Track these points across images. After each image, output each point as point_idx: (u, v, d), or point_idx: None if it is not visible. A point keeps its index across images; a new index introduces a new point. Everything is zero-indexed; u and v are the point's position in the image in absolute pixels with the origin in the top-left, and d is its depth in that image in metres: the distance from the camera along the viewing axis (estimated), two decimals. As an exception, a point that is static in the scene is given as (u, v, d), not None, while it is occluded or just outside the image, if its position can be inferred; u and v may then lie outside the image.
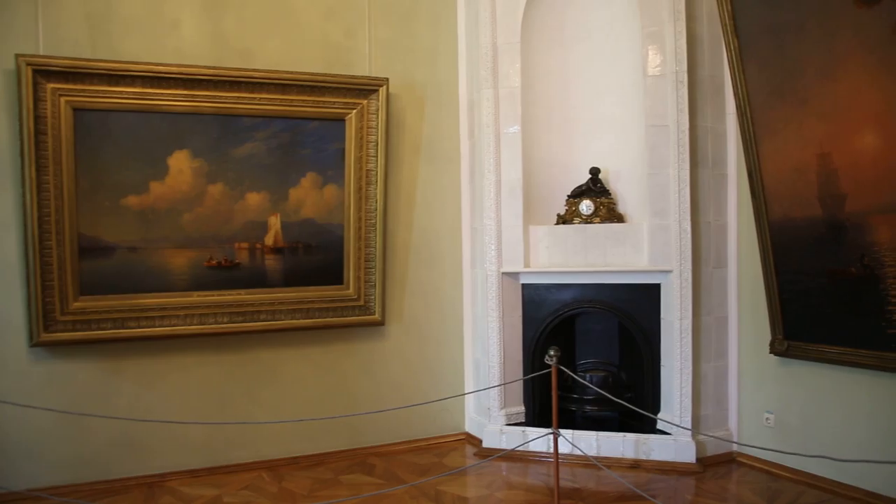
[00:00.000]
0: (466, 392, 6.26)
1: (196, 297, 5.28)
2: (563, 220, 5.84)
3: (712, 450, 5.51)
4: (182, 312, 5.25)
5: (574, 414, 5.92)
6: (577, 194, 5.80)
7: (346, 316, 5.78)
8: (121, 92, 4.90)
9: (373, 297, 5.82)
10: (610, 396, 4.78)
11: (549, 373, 4.62)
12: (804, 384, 5.13)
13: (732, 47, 5.01)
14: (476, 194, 6.10)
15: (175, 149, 5.16)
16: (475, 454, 5.84)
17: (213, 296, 5.33)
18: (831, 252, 4.73)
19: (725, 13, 4.99)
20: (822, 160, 4.69)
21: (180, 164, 5.19)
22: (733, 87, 5.11)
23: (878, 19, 4.17)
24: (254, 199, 5.42)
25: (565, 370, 4.77)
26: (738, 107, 5.09)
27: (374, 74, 5.75)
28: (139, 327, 5.12)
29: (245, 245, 5.44)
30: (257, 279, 5.49)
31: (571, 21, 5.92)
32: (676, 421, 5.38)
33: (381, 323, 5.90)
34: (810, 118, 4.69)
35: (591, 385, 5.47)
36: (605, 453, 5.48)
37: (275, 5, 5.60)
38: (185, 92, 5.06)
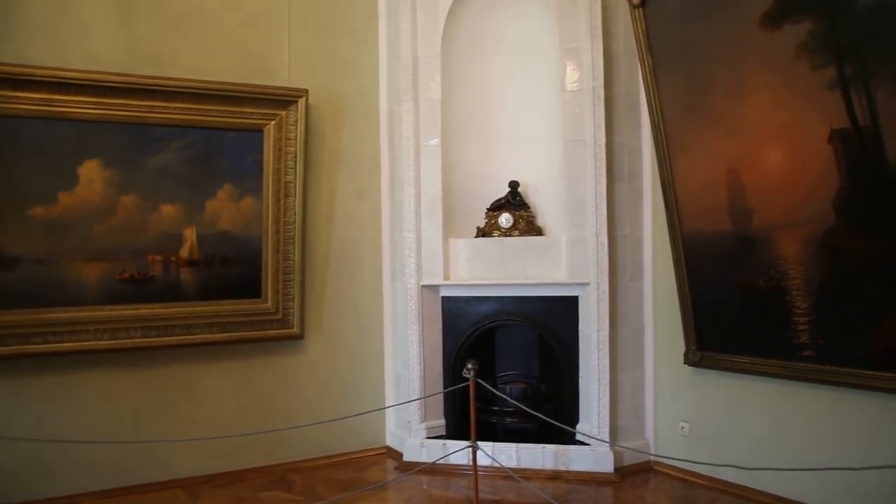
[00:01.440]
0: (387, 406, 6.21)
1: (107, 312, 5.09)
2: (482, 232, 5.87)
3: (630, 459, 5.58)
4: (92, 327, 5.04)
5: (495, 426, 5.93)
6: (497, 207, 5.84)
7: (264, 329, 5.67)
8: (26, 98, 4.69)
9: (291, 310, 5.73)
10: (527, 409, 4.81)
11: (468, 386, 4.63)
12: (717, 393, 5.27)
13: (647, 65, 5.13)
14: (396, 207, 6.09)
15: (85, 158, 4.98)
16: (396, 468, 5.79)
17: (125, 310, 5.14)
18: (741, 265, 4.88)
19: (640, 31, 5.11)
20: (731, 176, 4.84)
21: (91, 173, 5.02)
22: (648, 103, 5.22)
23: (781, 42, 4.34)
24: (168, 210, 5.27)
25: (483, 383, 4.78)
26: (653, 123, 5.21)
27: (293, 85, 5.67)
28: (46, 343, 4.89)
29: (159, 257, 5.29)
30: (172, 292, 5.33)
31: (492, 35, 5.96)
32: (595, 431, 5.45)
33: (300, 336, 5.82)
34: (720, 135, 4.84)
35: (508, 398, 5.47)
36: (525, 465, 5.50)
37: (192, 12, 5.48)
38: (95, 99, 4.90)
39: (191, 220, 5.36)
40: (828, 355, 4.45)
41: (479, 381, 4.66)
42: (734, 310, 4.99)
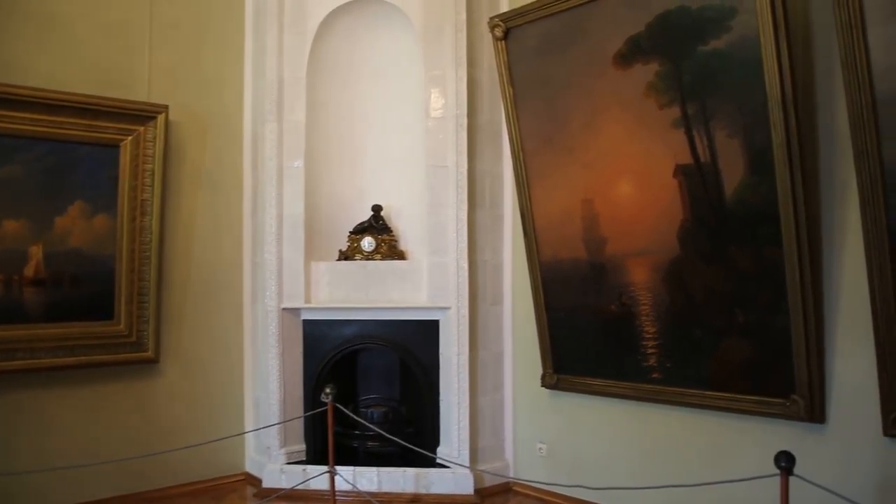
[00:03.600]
0: (246, 431, 6.06)
1: (-62, 334, 4.75)
2: (344, 256, 5.85)
3: (490, 480, 5.65)
4: (-80, 351, 4.70)
5: (356, 450, 5.88)
6: (360, 231, 5.85)
7: (116, 353, 5.41)
8: None
9: (146, 332, 5.51)
10: (384, 434, 4.81)
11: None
12: (573, 415, 5.42)
13: (508, 96, 5.26)
14: (258, 228, 6.00)
15: (-83, 168, 4.67)
16: (255, 495, 5.66)
17: (-41, 332, 4.82)
18: (595, 291, 5.07)
19: (502, 63, 5.23)
20: (586, 206, 5.03)
21: (-77, 185, 4.70)
22: (508, 133, 5.35)
23: (631, 81, 4.57)
24: (12, 226, 4.97)
25: (341, 407, 4.77)
26: (513, 152, 5.35)
27: (153, 100, 5.50)
28: None
29: (0, 276, 4.97)
30: (14, 313, 5.00)
31: (359, 59, 5.98)
32: (455, 454, 5.50)
33: (154, 360, 5.60)
34: (576, 166, 5.02)
35: (366, 422, 5.42)
36: (386, 489, 5.47)
37: (46, 18, 5.20)
38: (-68, 106, 4.60)
39: (37, 236, 5.08)
40: (674, 377, 4.68)
41: (337, 405, 4.63)
42: (589, 334, 5.16)
